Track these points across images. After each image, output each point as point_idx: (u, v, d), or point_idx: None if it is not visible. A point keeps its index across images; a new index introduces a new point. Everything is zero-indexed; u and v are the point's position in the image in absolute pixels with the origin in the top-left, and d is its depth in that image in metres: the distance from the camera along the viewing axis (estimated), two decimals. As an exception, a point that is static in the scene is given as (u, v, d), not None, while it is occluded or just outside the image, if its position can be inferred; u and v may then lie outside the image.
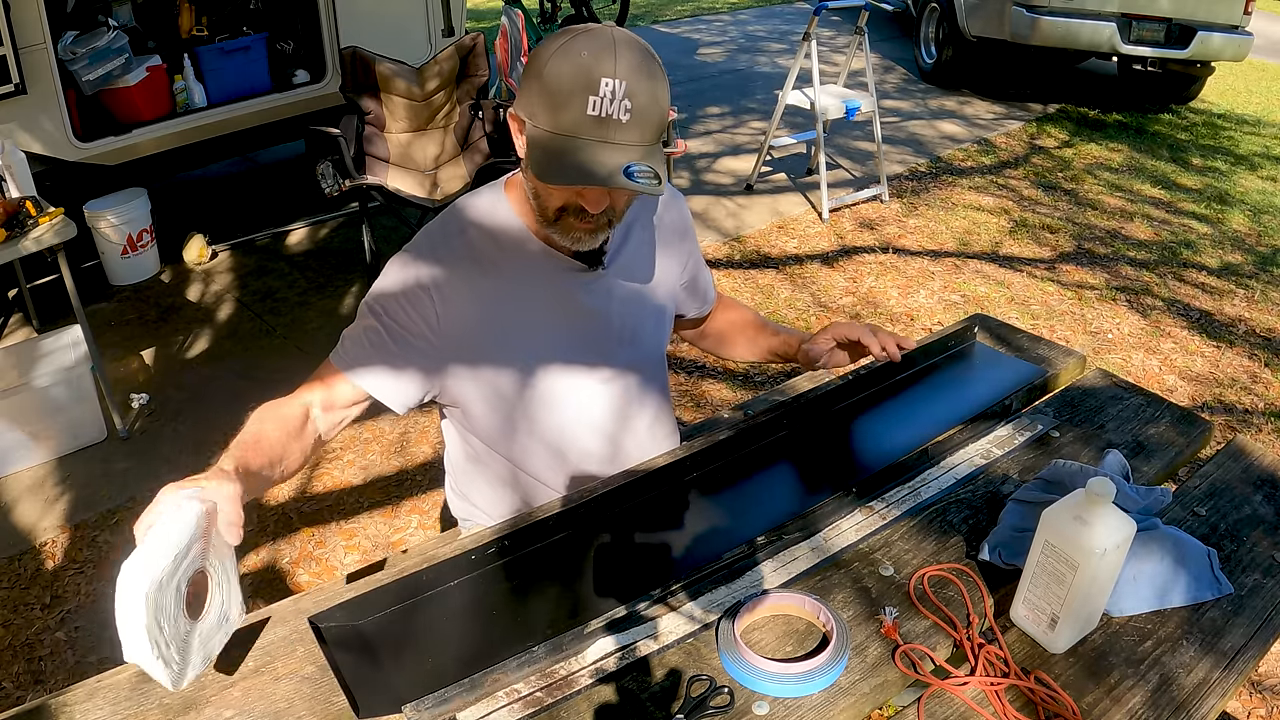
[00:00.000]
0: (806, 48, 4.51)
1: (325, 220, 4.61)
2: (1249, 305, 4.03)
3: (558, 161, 1.08)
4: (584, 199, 1.14)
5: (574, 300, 1.31)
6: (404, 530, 2.61)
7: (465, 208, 1.31)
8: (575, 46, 1.07)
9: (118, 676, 1.02)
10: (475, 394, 1.32)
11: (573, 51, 1.06)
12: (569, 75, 1.05)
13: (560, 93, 1.06)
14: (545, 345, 1.31)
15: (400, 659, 1.04)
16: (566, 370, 1.33)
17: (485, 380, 1.30)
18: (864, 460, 1.44)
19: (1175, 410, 1.55)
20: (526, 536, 1.20)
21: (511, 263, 1.27)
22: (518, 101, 1.14)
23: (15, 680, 2.14)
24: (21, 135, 3.28)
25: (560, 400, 1.34)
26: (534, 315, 1.29)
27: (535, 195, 1.19)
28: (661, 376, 1.49)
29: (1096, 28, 5.99)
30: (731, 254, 4.33)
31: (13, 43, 3.15)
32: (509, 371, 1.30)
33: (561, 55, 1.07)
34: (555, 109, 1.07)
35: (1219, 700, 1.02)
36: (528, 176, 1.19)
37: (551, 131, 1.08)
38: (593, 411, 1.37)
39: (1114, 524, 1.01)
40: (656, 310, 1.43)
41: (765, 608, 1.10)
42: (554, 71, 1.06)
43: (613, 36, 1.08)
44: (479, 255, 1.27)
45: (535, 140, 1.12)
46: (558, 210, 1.18)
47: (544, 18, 6.53)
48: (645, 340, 1.41)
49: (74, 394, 2.82)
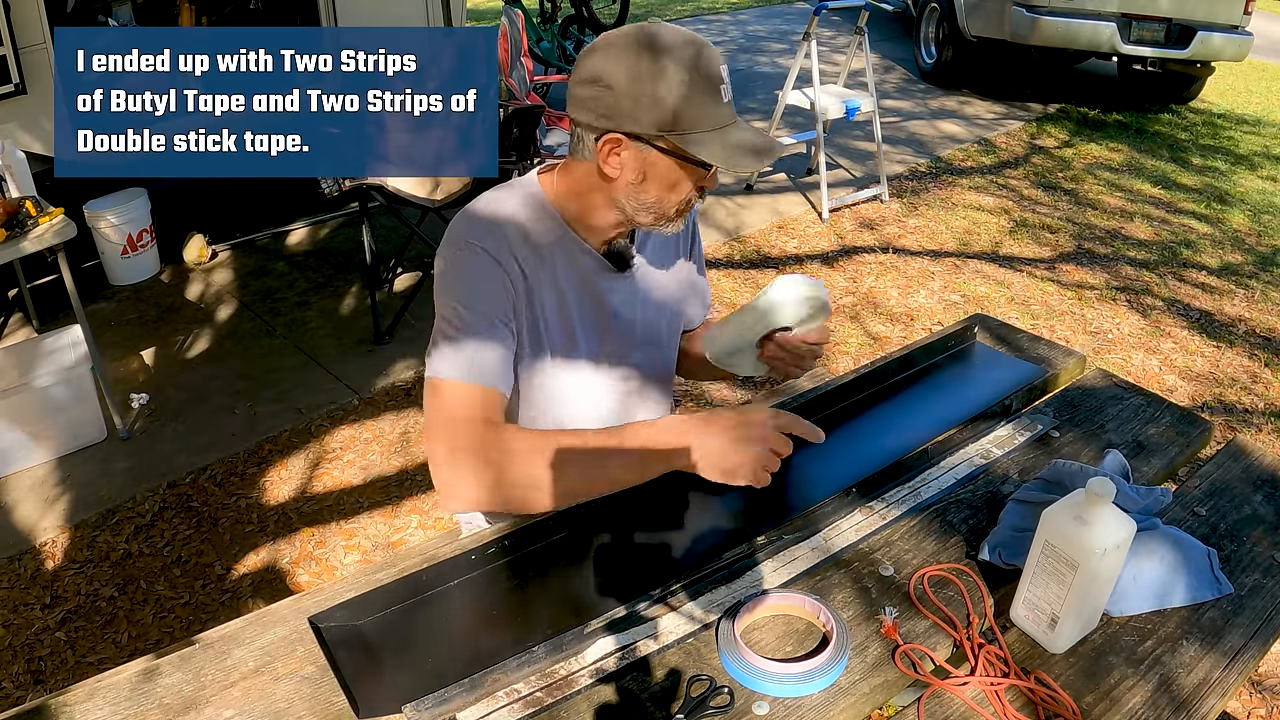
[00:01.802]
0: (806, 47, 4.51)
1: (325, 220, 4.61)
2: (1249, 305, 4.03)
3: (733, 151, 1.16)
4: (707, 182, 1.22)
5: (604, 301, 1.33)
6: (404, 530, 2.61)
7: (504, 203, 1.29)
8: (670, 50, 1.13)
9: (118, 676, 1.02)
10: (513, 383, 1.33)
11: (679, 55, 1.13)
12: (702, 75, 1.13)
13: (703, 93, 1.14)
14: (572, 342, 1.32)
15: (400, 659, 1.03)
16: (585, 367, 1.35)
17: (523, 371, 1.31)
18: (864, 460, 1.44)
19: (1175, 410, 1.55)
20: (526, 536, 1.20)
21: (553, 260, 1.29)
22: (625, 119, 1.15)
23: (15, 680, 2.14)
24: (21, 135, 3.28)
25: (574, 396, 1.35)
26: (567, 312, 1.31)
27: (670, 185, 1.21)
28: (669, 378, 1.51)
29: (1096, 28, 5.99)
30: (731, 254, 4.33)
31: (13, 43, 3.16)
32: (537, 365, 1.31)
33: (677, 60, 1.13)
34: (704, 107, 1.14)
35: (1219, 700, 1.02)
36: (645, 187, 1.21)
37: (711, 129, 1.15)
38: (601, 409, 1.38)
39: (1114, 524, 1.01)
40: (673, 312, 1.46)
41: (765, 608, 1.10)
42: (682, 78, 1.13)
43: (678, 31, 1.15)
44: (528, 250, 1.28)
45: (697, 142, 1.15)
46: (682, 203, 1.24)
47: (544, 18, 6.53)
48: (661, 342, 1.44)
49: (74, 394, 2.82)
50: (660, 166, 1.19)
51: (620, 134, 1.17)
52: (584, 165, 1.23)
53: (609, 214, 1.26)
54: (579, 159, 1.23)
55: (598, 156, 1.19)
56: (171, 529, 2.61)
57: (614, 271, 1.33)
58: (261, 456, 2.88)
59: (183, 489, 2.75)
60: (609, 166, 1.20)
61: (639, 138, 1.17)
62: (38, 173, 3.05)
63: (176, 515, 2.66)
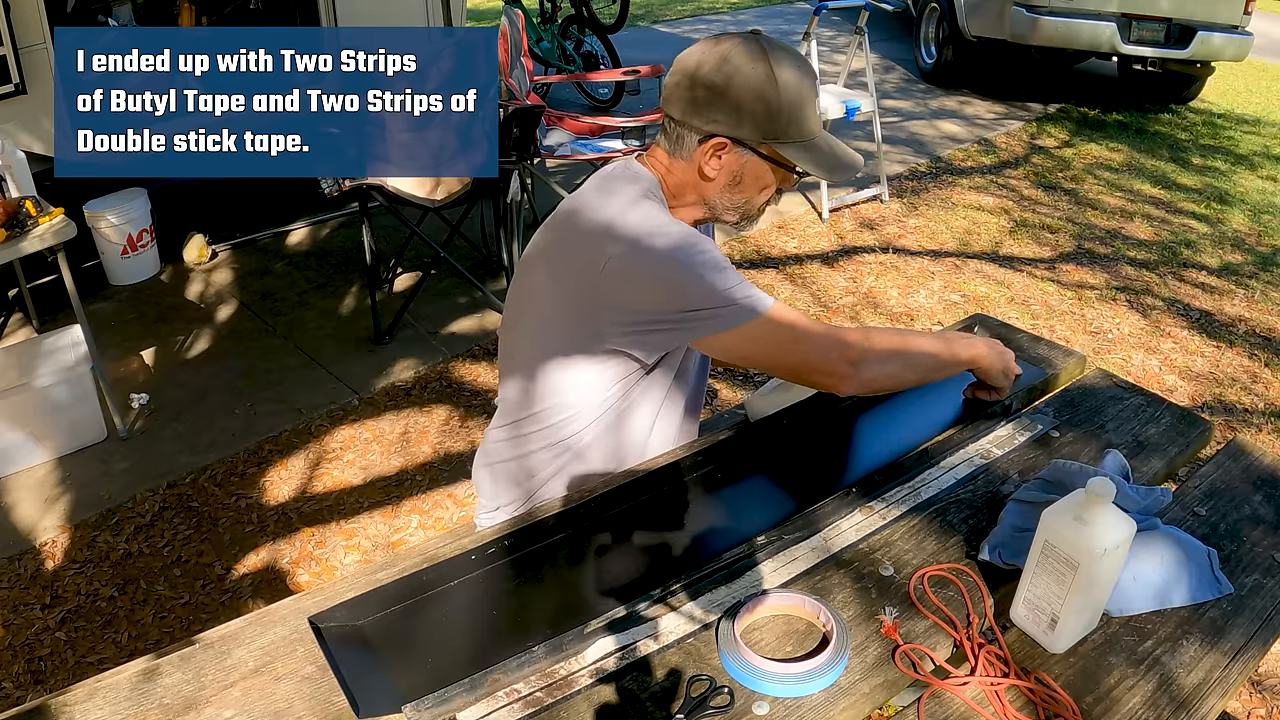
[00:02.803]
0: (806, 47, 4.51)
1: (325, 220, 4.61)
2: (1249, 305, 4.03)
3: (832, 159, 1.25)
4: (786, 184, 1.29)
5: None
6: (404, 530, 2.61)
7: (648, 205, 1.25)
8: (780, 60, 1.20)
9: (118, 676, 1.02)
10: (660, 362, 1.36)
11: (788, 66, 1.20)
12: (806, 86, 1.22)
13: (807, 104, 1.22)
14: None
15: (400, 659, 1.03)
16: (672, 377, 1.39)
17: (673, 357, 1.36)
18: (864, 460, 1.44)
19: (1175, 410, 1.55)
20: (526, 536, 1.20)
21: None
22: (734, 125, 1.21)
23: (15, 680, 2.14)
24: (21, 135, 3.28)
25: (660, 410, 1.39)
26: None
27: (748, 200, 1.29)
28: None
29: (1096, 28, 5.99)
30: (732, 254, 4.33)
31: (13, 43, 3.16)
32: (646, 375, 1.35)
33: (788, 71, 1.20)
34: (803, 121, 1.22)
35: (1219, 700, 1.02)
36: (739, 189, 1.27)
37: (810, 138, 1.24)
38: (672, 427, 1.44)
39: (1114, 524, 1.01)
40: None
41: (765, 608, 1.10)
42: (792, 89, 1.20)
43: (779, 42, 1.24)
44: None
45: (797, 149, 1.23)
46: (765, 204, 1.31)
47: (544, 18, 6.52)
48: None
49: (74, 394, 2.82)
50: (757, 170, 1.26)
51: (728, 139, 1.22)
52: (681, 164, 1.27)
53: (695, 211, 1.31)
54: (677, 158, 1.27)
55: (699, 157, 1.24)
56: (171, 529, 2.61)
57: None
58: (261, 456, 2.88)
59: (183, 489, 2.75)
60: (709, 167, 1.25)
61: (742, 143, 1.22)
62: (38, 173, 3.05)
63: (176, 515, 2.66)
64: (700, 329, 1.20)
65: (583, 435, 1.34)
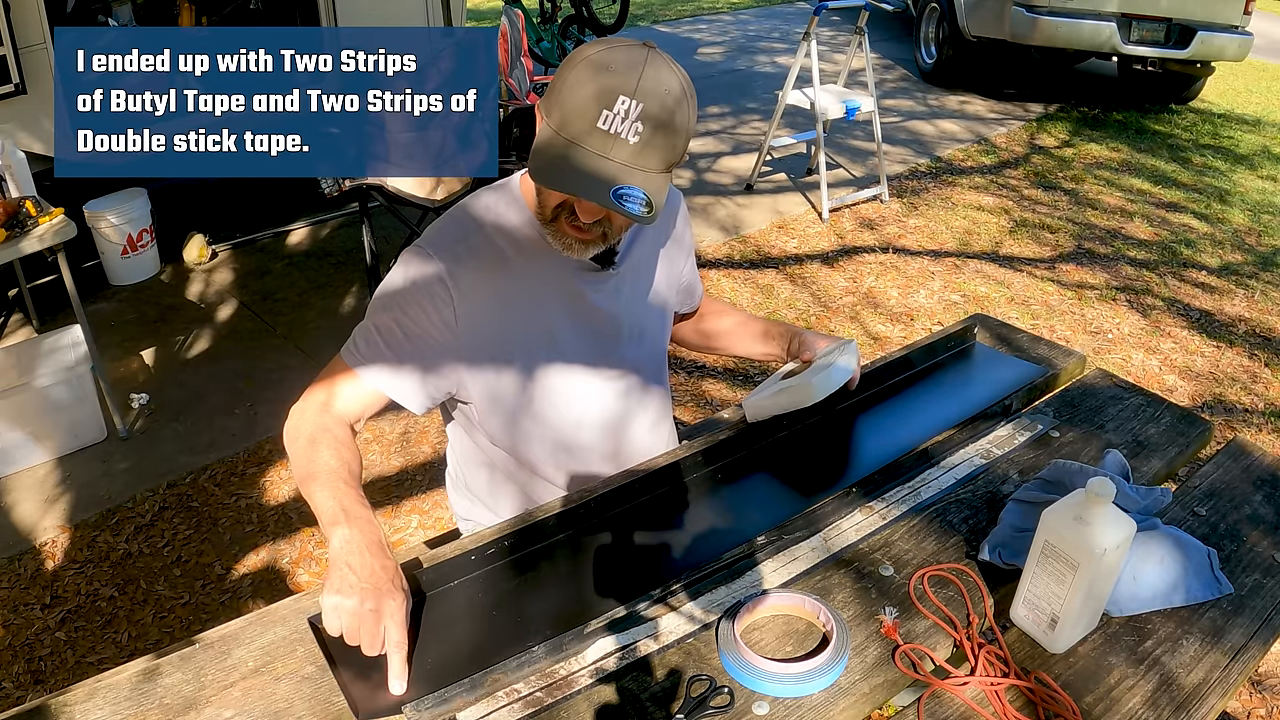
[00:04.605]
0: (806, 47, 4.51)
1: (325, 220, 4.61)
2: (1249, 305, 4.03)
3: (553, 163, 1.09)
4: (578, 203, 1.13)
5: (585, 299, 1.31)
6: (404, 530, 2.61)
7: (477, 205, 1.30)
8: (609, 58, 1.07)
9: (118, 676, 1.02)
10: (486, 391, 1.31)
11: (604, 62, 1.07)
12: (591, 83, 1.06)
13: (579, 98, 1.06)
14: (556, 343, 1.31)
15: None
16: (576, 368, 1.33)
17: (497, 378, 1.30)
18: (864, 460, 1.44)
19: (1175, 410, 1.55)
20: (527, 537, 1.20)
21: (526, 261, 1.27)
22: (546, 94, 1.14)
23: (15, 680, 2.14)
24: (21, 135, 3.28)
25: (568, 398, 1.34)
26: (547, 314, 1.29)
27: (537, 190, 1.19)
28: (664, 374, 1.50)
29: (1096, 28, 5.99)
30: (731, 254, 4.33)
31: (13, 43, 3.16)
32: (520, 369, 1.30)
33: (592, 63, 1.07)
34: (569, 112, 1.07)
35: (1219, 700, 1.02)
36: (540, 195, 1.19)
37: (557, 132, 1.09)
38: (599, 409, 1.38)
39: (1114, 524, 1.01)
40: (661, 308, 1.45)
41: (765, 608, 1.10)
42: (580, 77, 1.07)
43: (647, 56, 1.08)
44: (495, 253, 1.26)
45: (542, 136, 1.12)
46: (554, 209, 1.17)
47: (544, 18, 6.52)
48: (650, 338, 1.43)
49: (74, 394, 2.82)
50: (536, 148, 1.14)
51: (541, 106, 1.14)
52: None
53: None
54: None
55: None
56: (171, 529, 2.61)
57: (596, 268, 1.30)
58: (261, 457, 2.88)
59: (183, 489, 2.75)
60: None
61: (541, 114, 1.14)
62: (38, 173, 3.05)
63: (176, 515, 2.66)
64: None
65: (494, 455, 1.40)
